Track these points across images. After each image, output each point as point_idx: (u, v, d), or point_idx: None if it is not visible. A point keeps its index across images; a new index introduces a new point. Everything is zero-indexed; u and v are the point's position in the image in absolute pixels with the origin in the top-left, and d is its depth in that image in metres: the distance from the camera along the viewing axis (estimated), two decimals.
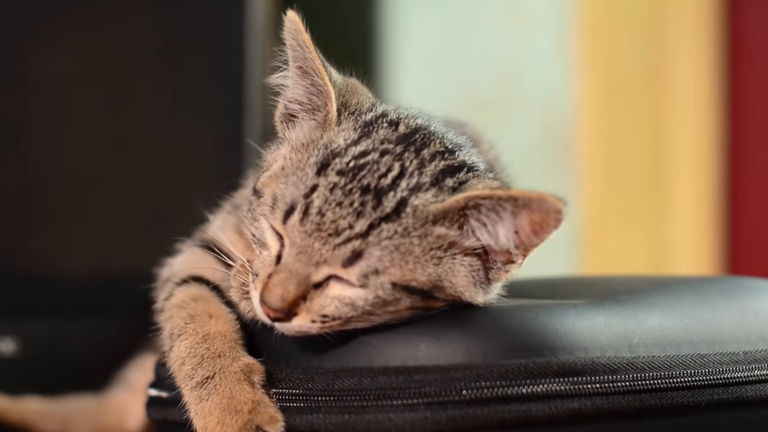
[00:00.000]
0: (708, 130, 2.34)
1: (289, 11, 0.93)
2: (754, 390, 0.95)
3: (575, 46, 2.20)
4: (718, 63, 2.35)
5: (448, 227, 0.88)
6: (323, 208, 0.86)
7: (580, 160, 2.20)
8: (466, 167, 0.92)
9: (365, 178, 0.87)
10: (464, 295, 0.89)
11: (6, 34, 1.61)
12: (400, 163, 0.89)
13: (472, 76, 2.29)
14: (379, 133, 0.92)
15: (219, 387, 0.89)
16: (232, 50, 1.65)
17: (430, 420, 0.85)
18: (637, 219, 2.27)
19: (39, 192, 1.61)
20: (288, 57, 0.95)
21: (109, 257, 1.59)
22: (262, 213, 0.90)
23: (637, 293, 0.98)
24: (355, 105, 0.95)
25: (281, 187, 0.89)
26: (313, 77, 0.94)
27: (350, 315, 0.87)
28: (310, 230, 0.86)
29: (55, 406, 1.37)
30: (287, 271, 0.87)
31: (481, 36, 2.28)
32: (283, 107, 0.97)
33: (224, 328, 0.94)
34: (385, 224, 0.86)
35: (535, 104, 2.23)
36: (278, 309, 0.87)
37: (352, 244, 0.86)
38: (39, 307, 1.58)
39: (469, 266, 0.89)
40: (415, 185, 0.88)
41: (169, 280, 1.03)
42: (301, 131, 0.95)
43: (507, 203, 0.87)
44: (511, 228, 0.88)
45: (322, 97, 0.94)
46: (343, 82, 0.96)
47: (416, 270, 0.87)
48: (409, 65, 2.33)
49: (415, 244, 0.87)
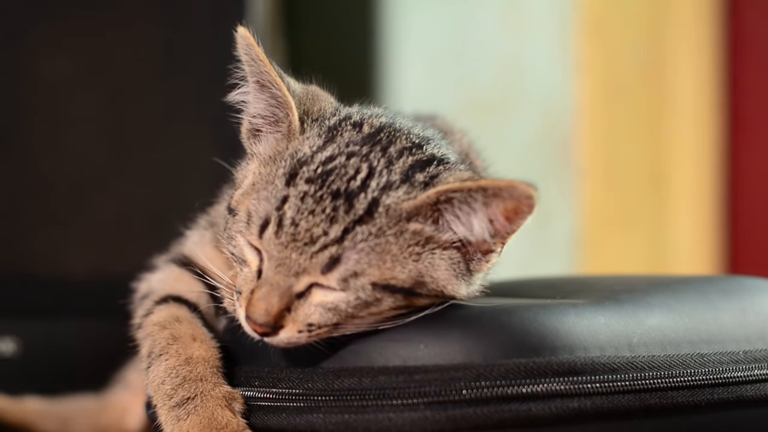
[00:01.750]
0: (708, 130, 2.34)
1: (239, 28, 0.93)
2: (754, 389, 0.95)
3: (575, 46, 2.20)
4: (718, 63, 2.35)
5: (422, 223, 0.88)
6: (296, 218, 0.86)
7: (580, 160, 2.20)
8: (435, 160, 0.92)
9: (334, 183, 0.87)
10: (446, 289, 0.89)
11: (6, 34, 1.61)
12: (368, 163, 0.89)
13: (472, 76, 2.29)
14: (343, 136, 0.92)
15: (199, 408, 0.90)
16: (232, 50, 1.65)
17: (430, 420, 0.86)
18: (637, 219, 2.27)
19: (39, 192, 1.62)
20: (244, 73, 0.95)
21: (109, 257, 1.59)
22: (238, 230, 0.90)
23: (636, 293, 0.98)
24: (317, 111, 0.95)
25: (254, 203, 0.89)
26: (271, 90, 0.94)
27: (335, 320, 0.87)
28: (286, 242, 0.86)
29: (55, 406, 1.37)
30: (268, 284, 0.87)
31: (481, 36, 2.28)
32: (247, 123, 0.97)
33: (207, 353, 0.94)
34: (359, 227, 0.86)
35: (535, 104, 2.23)
36: (264, 324, 0.87)
37: (329, 250, 0.86)
38: (39, 307, 1.58)
39: (449, 259, 0.89)
40: (386, 184, 0.88)
41: (147, 297, 1.03)
42: (267, 144, 0.95)
43: (477, 194, 0.87)
44: (484, 218, 0.88)
45: (283, 108, 0.94)
46: (303, 91, 0.96)
47: (395, 268, 0.87)
48: (409, 65, 2.33)
49: (391, 243, 0.87)
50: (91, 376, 1.38)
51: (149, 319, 0.99)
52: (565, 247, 2.20)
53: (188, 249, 1.05)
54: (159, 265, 1.06)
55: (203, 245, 1.03)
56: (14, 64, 1.61)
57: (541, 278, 1.22)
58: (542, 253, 2.21)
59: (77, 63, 1.62)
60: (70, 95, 1.62)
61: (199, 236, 1.05)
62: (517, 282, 1.15)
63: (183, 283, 1.01)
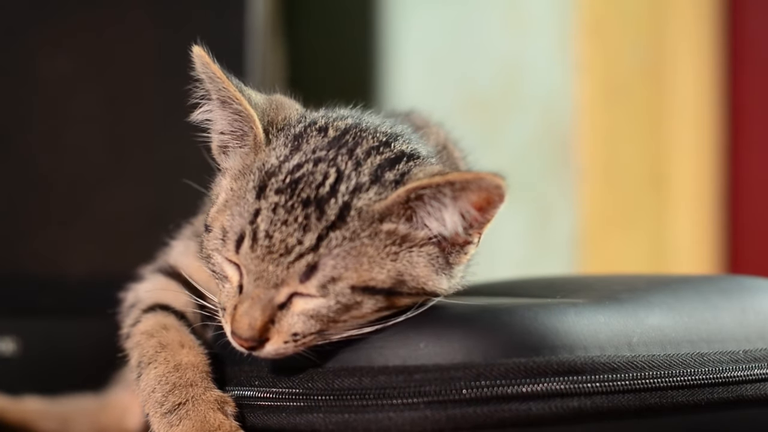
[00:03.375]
0: (708, 130, 2.34)
1: (194, 47, 0.93)
2: (753, 389, 0.95)
3: (575, 46, 2.20)
4: (718, 63, 2.35)
5: (396, 222, 0.88)
6: (270, 230, 0.86)
7: (580, 160, 2.20)
8: (405, 156, 0.92)
9: (304, 191, 0.87)
10: (427, 286, 0.89)
11: (6, 34, 1.61)
12: (336, 168, 0.89)
13: (472, 76, 2.29)
14: (309, 142, 0.91)
15: (191, 412, 0.90)
16: (232, 50, 1.65)
17: (430, 419, 0.86)
18: (637, 219, 2.27)
19: (39, 192, 1.62)
20: (205, 91, 0.94)
21: (109, 257, 1.59)
22: (215, 248, 0.90)
23: (636, 292, 0.98)
24: (282, 120, 0.95)
25: (228, 219, 0.89)
26: (232, 105, 0.93)
27: (318, 327, 0.87)
28: (262, 255, 0.86)
29: (55, 405, 1.37)
30: (249, 299, 0.87)
31: (481, 36, 2.28)
32: (216, 140, 0.97)
33: (196, 359, 0.95)
34: (333, 232, 0.86)
35: (535, 104, 2.23)
36: (249, 338, 0.87)
37: (305, 258, 0.86)
38: (39, 307, 1.58)
39: (427, 255, 0.89)
40: (355, 187, 0.88)
41: (135, 306, 1.03)
42: (236, 159, 0.95)
43: (446, 188, 0.86)
44: (456, 211, 0.88)
45: (247, 122, 0.93)
46: (265, 102, 0.96)
47: (373, 270, 0.87)
48: (409, 65, 2.33)
49: (366, 245, 0.87)
50: (91, 376, 1.38)
51: (137, 328, 0.99)
52: (565, 247, 2.20)
53: (174, 259, 1.05)
54: (146, 275, 1.06)
55: (188, 255, 1.03)
56: (14, 64, 1.61)
57: (541, 278, 1.22)
58: (542, 253, 2.21)
59: (77, 63, 1.62)
60: (70, 95, 1.62)
61: (184, 246, 1.05)
62: (517, 282, 1.15)
63: (169, 292, 1.02)
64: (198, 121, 0.97)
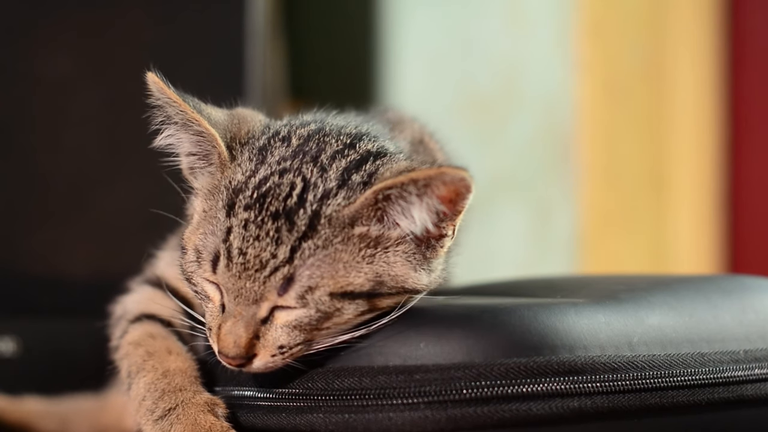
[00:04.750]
0: (708, 130, 2.34)
1: (147, 74, 0.93)
2: (754, 389, 0.95)
3: (575, 46, 2.20)
4: (719, 63, 2.35)
5: (367, 224, 0.88)
6: (243, 247, 0.86)
7: (580, 160, 2.20)
8: (371, 156, 0.91)
9: (272, 204, 0.87)
10: (407, 283, 0.89)
11: (6, 34, 1.61)
12: (301, 177, 0.89)
13: (472, 76, 2.29)
14: (274, 154, 0.91)
15: (182, 416, 0.90)
16: (232, 50, 1.65)
17: (430, 419, 0.85)
18: (637, 219, 2.27)
19: (39, 192, 1.61)
20: (164, 117, 0.94)
21: (109, 257, 1.59)
22: (192, 270, 0.90)
23: (637, 292, 0.98)
24: (245, 135, 0.94)
25: (200, 239, 0.89)
26: (193, 127, 0.93)
27: (303, 337, 0.87)
28: (238, 272, 0.86)
29: (55, 406, 1.37)
30: (232, 317, 0.87)
31: (481, 36, 2.28)
32: (184, 162, 0.96)
33: (184, 365, 0.95)
34: (305, 243, 0.86)
35: (535, 104, 2.23)
36: (236, 356, 0.87)
37: (281, 271, 0.85)
38: (39, 307, 1.58)
39: (404, 254, 0.89)
40: (323, 194, 0.88)
41: (123, 318, 1.03)
42: (204, 179, 0.95)
43: (411, 187, 0.86)
44: (424, 207, 0.87)
45: (209, 142, 0.93)
46: (227, 118, 0.95)
47: (350, 274, 0.87)
48: (409, 65, 2.33)
49: (340, 251, 0.87)
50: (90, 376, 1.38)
51: (124, 339, 0.99)
52: (565, 247, 2.20)
53: (160, 270, 1.05)
54: (133, 287, 1.06)
55: (174, 266, 1.02)
56: (14, 63, 1.61)
57: (541, 278, 1.22)
58: (542, 252, 2.21)
59: (77, 63, 1.62)
60: (70, 95, 1.62)
61: (170, 257, 1.04)
62: (517, 281, 1.15)
63: (156, 302, 1.02)
64: (162, 147, 0.96)
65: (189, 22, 1.65)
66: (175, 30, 1.64)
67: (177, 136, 0.94)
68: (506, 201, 2.24)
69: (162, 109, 0.93)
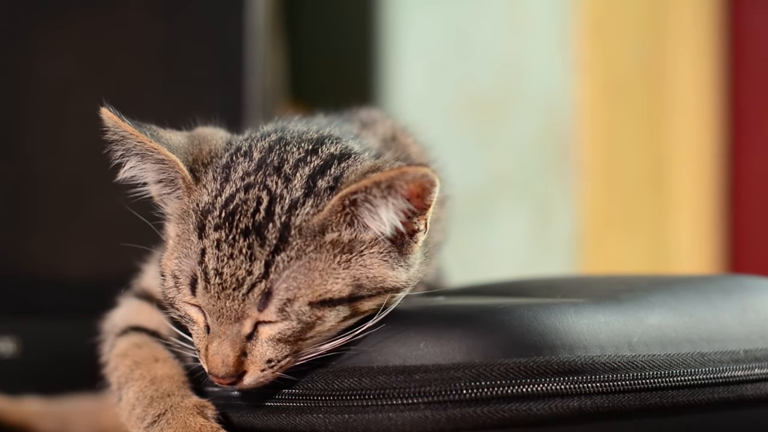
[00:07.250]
0: (708, 130, 2.34)
1: (101, 110, 0.93)
2: (754, 389, 0.94)
3: (575, 46, 2.20)
4: (719, 62, 2.35)
5: (338, 230, 0.87)
6: (218, 267, 0.86)
7: (580, 160, 2.20)
8: (335, 159, 0.91)
9: (241, 221, 0.87)
10: (386, 283, 0.89)
11: (6, 35, 1.61)
12: (266, 190, 0.88)
13: (472, 76, 2.29)
14: (237, 170, 0.91)
15: (171, 420, 0.90)
16: (232, 50, 1.65)
17: (430, 419, 0.85)
18: (637, 219, 2.27)
19: (39, 193, 1.61)
20: (124, 149, 0.94)
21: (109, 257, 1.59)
22: (173, 295, 0.90)
23: (637, 292, 0.98)
24: (207, 155, 0.94)
25: (176, 264, 0.89)
26: (153, 155, 0.93)
27: (289, 349, 0.87)
28: (216, 293, 0.86)
29: (55, 406, 1.37)
30: (217, 337, 0.87)
31: (481, 36, 2.28)
32: (153, 191, 0.96)
33: (172, 371, 0.95)
34: (278, 256, 0.86)
35: (535, 104, 2.23)
36: (225, 375, 0.87)
37: (258, 287, 0.85)
38: (39, 307, 1.58)
39: (379, 254, 0.88)
40: (290, 204, 0.87)
41: (110, 332, 1.03)
42: (174, 204, 0.94)
43: (375, 189, 0.86)
44: (390, 208, 0.87)
45: (172, 168, 0.93)
46: (186, 141, 0.95)
47: (327, 282, 0.86)
48: (409, 65, 2.33)
49: (314, 260, 0.86)
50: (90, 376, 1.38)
51: (113, 352, 0.99)
52: (566, 247, 2.20)
53: (147, 283, 1.05)
54: (121, 301, 1.06)
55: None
56: (14, 64, 1.61)
57: (541, 278, 1.22)
58: (542, 252, 2.21)
59: (77, 64, 1.62)
60: (70, 96, 1.62)
61: (155, 270, 1.04)
62: (517, 281, 1.15)
63: (143, 314, 1.02)
64: (128, 179, 0.96)
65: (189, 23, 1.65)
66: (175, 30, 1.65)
67: (140, 167, 0.94)
68: (506, 201, 2.24)
69: (120, 142, 0.93)
